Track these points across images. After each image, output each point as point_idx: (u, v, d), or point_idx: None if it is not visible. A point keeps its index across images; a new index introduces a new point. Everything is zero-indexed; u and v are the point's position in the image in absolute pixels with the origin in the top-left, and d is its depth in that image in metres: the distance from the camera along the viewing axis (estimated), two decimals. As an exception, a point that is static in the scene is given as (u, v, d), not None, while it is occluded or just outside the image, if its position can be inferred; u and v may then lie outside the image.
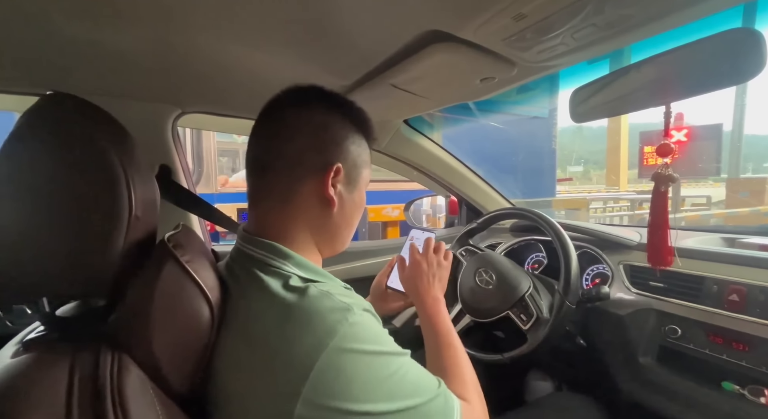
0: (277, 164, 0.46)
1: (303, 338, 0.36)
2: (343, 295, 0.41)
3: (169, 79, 0.71)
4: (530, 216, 0.91)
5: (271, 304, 0.40)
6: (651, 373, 0.78)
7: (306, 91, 0.49)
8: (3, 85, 0.70)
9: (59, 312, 0.40)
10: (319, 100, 0.48)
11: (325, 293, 0.40)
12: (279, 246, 0.45)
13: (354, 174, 0.49)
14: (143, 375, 0.35)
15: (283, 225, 0.47)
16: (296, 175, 0.46)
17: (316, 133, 0.47)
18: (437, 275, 0.66)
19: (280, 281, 0.42)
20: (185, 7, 0.47)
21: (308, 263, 0.46)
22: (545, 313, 0.79)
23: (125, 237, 0.37)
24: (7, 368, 0.32)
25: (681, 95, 0.52)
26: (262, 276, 0.42)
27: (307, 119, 0.47)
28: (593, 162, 22.85)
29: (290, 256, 0.45)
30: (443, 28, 0.51)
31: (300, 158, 0.46)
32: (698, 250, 0.78)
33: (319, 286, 0.42)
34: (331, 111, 0.48)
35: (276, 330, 0.38)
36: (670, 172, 0.55)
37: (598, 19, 0.44)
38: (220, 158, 3.69)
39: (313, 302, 0.39)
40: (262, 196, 0.48)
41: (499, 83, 0.68)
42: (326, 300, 0.39)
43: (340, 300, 0.40)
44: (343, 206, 0.49)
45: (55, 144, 0.35)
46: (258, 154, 0.48)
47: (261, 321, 0.39)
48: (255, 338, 0.39)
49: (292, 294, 0.40)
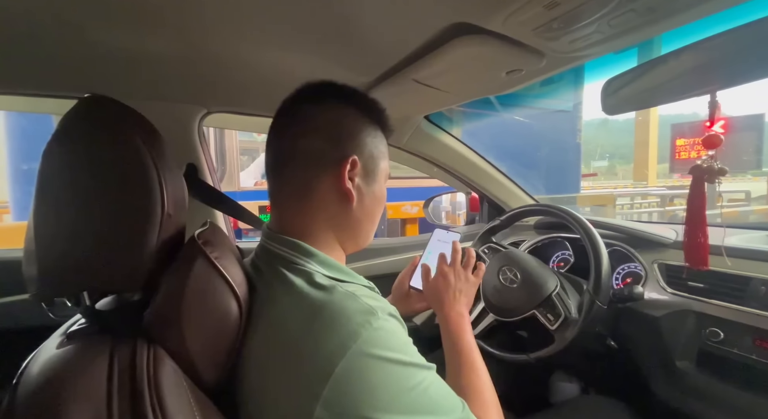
0: (293, 161, 0.46)
1: (327, 338, 0.36)
2: (368, 297, 0.41)
3: (196, 80, 0.73)
4: (557, 213, 0.88)
5: (296, 302, 0.40)
6: (690, 378, 0.74)
7: (319, 87, 0.49)
8: (43, 89, 0.73)
9: (98, 305, 0.42)
10: (333, 95, 0.48)
11: (350, 294, 0.40)
12: (302, 244, 0.45)
13: (371, 166, 0.49)
14: (177, 367, 0.36)
15: (303, 222, 0.47)
16: (312, 170, 0.46)
17: (331, 127, 0.46)
18: (464, 290, 0.63)
19: (305, 279, 0.42)
20: (213, 12, 0.48)
21: (332, 261, 0.46)
22: (574, 313, 0.76)
23: (158, 234, 0.38)
24: (52, 358, 0.33)
25: (729, 83, 0.49)
26: (286, 273, 0.43)
27: (322, 114, 0.47)
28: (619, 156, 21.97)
29: (313, 254, 0.45)
30: (470, 20, 0.49)
31: (315, 153, 0.46)
32: (744, 249, 0.73)
33: (345, 286, 0.41)
34: (344, 104, 0.48)
35: (301, 328, 0.38)
36: (720, 165, 0.52)
37: (638, 4, 0.41)
38: (241, 157, 3.77)
39: (339, 302, 0.39)
40: (282, 194, 0.48)
41: (526, 75, 0.66)
42: (351, 301, 0.39)
43: (366, 303, 0.39)
44: (363, 200, 0.48)
45: (94, 144, 0.36)
46: (276, 153, 0.48)
47: (287, 318, 0.40)
48: (280, 335, 0.39)
49: (318, 291, 0.40)
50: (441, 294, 0.63)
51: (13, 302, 0.83)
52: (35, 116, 2.91)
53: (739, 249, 0.74)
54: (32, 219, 0.36)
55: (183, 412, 0.33)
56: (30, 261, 0.36)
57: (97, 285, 0.38)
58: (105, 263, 0.36)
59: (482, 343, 0.86)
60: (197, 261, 0.39)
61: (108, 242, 0.36)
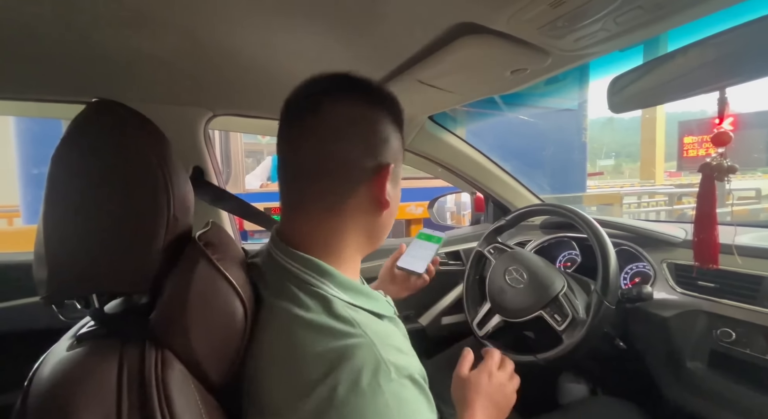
0: (319, 171, 0.41)
1: (340, 384, 0.34)
2: (392, 348, 0.37)
3: (203, 84, 0.74)
4: (563, 213, 0.87)
5: (314, 336, 0.37)
6: (701, 379, 0.73)
7: (340, 80, 0.43)
8: (52, 94, 0.75)
9: (107, 308, 0.42)
10: (359, 92, 0.43)
11: (371, 344, 0.36)
12: (319, 263, 0.41)
13: (398, 168, 0.46)
14: (184, 370, 0.36)
15: (327, 237, 0.43)
16: (346, 182, 0.41)
17: (364, 132, 0.42)
18: (501, 404, 0.54)
19: (322, 305, 0.39)
20: (219, 15, 0.48)
21: (349, 281, 0.43)
22: (581, 314, 0.76)
23: (165, 236, 0.39)
24: (63, 360, 0.34)
25: (738, 79, 0.48)
26: (299, 294, 0.40)
27: (350, 115, 0.41)
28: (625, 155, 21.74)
29: (331, 275, 0.41)
30: (474, 20, 0.49)
31: (348, 163, 0.41)
32: (756, 248, 0.72)
33: (367, 324, 0.38)
34: (373, 104, 0.43)
35: (315, 369, 0.35)
36: (730, 163, 0.51)
37: (645, 1, 0.41)
38: (246, 159, 3.80)
39: (360, 357, 0.35)
40: (303, 207, 0.43)
41: (531, 74, 0.66)
42: (371, 355, 0.35)
43: (387, 359, 0.35)
44: (392, 205, 0.45)
45: (102, 148, 0.37)
46: (292, 158, 0.43)
47: (300, 345, 0.37)
48: (290, 357, 0.37)
49: (339, 327, 0.37)
50: (471, 395, 0.53)
51: (26, 304, 0.84)
52: (45, 121, 2.96)
53: (751, 248, 0.72)
54: (42, 222, 0.36)
55: (191, 414, 0.33)
56: (40, 264, 0.36)
57: (105, 287, 0.38)
58: (112, 266, 0.37)
59: (489, 345, 0.86)
60: (199, 263, 0.39)
61: (115, 245, 0.36)
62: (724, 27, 0.49)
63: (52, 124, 2.71)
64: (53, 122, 2.72)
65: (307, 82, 0.44)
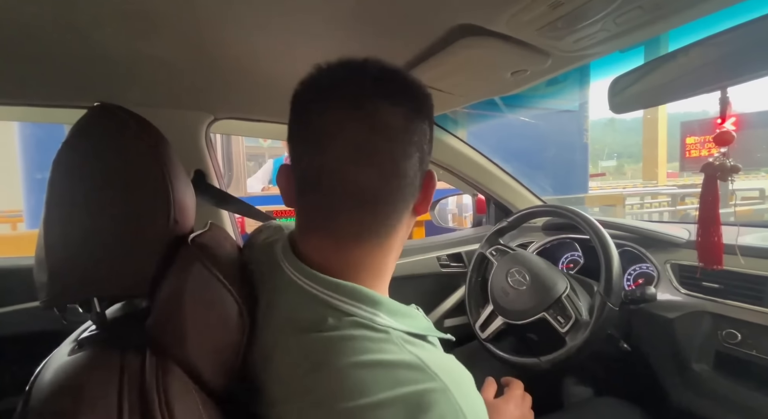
0: (372, 185, 0.34)
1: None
2: (472, 394, 0.32)
3: (204, 88, 0.74)
4: (565, 214, 0.86)
5: (361, 368, 0.30)
6: (707, 381, 0.72)
7: (391, 74, 0.37)
8: (55, 99, 0.75)
9: (108, 312, 0.42)
10: (405, 89, 0.37)
11: (443, 390, 0.29)
12: (366, 292, 0.35)
13: None
14: (185, 376, 0.36)
15: (377, 262, 0.38)
16: (407, 199, 0.36)
17: (418, 139, 0.36)
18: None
19: (377, 342, 0.32)
20: (221, 20, 0.48)
21: (397, 306, 0.37)
22: (584, 315, 0.75)
23: (165, 240, 0.39)
24: (64, 365, 0.34)
25: (739, 79, 0.48)
26: (353, 333, 0.32)
27: (407, 120, 0.35)
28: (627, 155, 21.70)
29: (382, 303, 0.35)
30: (473, 22, 0.49)
31: (407, 175, 0.35)
32: (761, 248, 0.71)
33: (437, 365, 0.31)
34: (417, 104, 0.37)
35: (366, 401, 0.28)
36: (733, 163, 0.51)
37: (645, 1, 0.41)
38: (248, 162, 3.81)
39: (426, 390, 0.29)
40: (339, 227, 0.36)
41: (532, 76, 0.66)
42: (443, 401, 0.29)
43: (467, 413, 0.29)
44: None
45: (104, 152, 0.37)
46: (325, 166, 0.34)
47: (347, 382, 0.30)
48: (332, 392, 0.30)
49: (398, 359, 0.31)
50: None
51: (28, 308, 0.84)
52: (49, 126, 2.98)
53: (756, 248, 0.72)
54: (43, 226, 0.36)
55: (192, 418, 0.33)
56: (41, 268, 0.36)
57: (105, 291, 0.38)
58: (113, 269, 0.37)
59: (492, 347, 0.85)
60: (192, 267, 0.38)
61: (116, 248, 0.36)
62: (725, 26, 0.49)
63: (56, 129, 2.73)
64: (57, 127, 2.74)
65: (338, 76, 0.36)
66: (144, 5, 0.45)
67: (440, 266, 1.23)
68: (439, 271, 1.23)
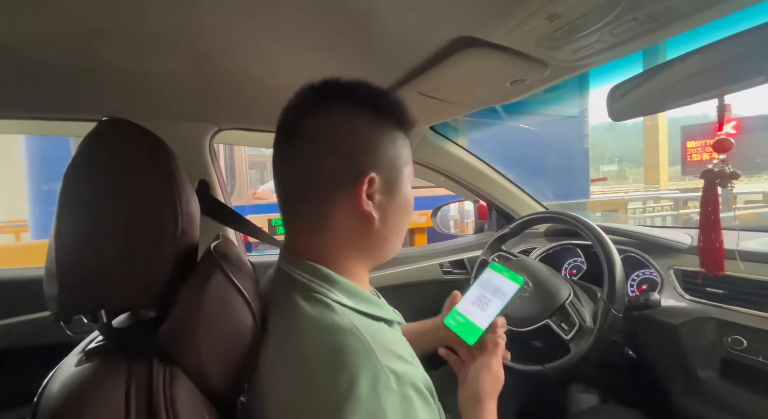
0: (302, 184, 0.42)
1: (331, 376, 0.34)
2: (392, 355, 0.36)
3: (208, 99, 0.75)
4: (567, 220, 0.87)
5: (308, 330, 0.37)
6: (713, 388, 0.71)
7: (321, 91, 0.43)
8: (61, 113, 0.77)
9: (114, 322, 0.42)
10: (339, 98, 0.42)
11: (367, 350, 0.35)
12: (323, 269, 0.41)
13: (394, 176, 0.44)
14: (192, 386, 0.36)
15: (320, 249, 0.43)
16: (325, 194, 0.41)
17: (342, 142, 0.41)
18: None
19: (324, 309, 0.39)
20: (225, 34, 0.50)
21: (356, 288, 0.42)
22: (588, 322, 0.75)
23: (172, 251, 0.39)
24: (72, 377, 0.34)
25: (736, 87, 0.48)
26: (303, 304, 0.39)
27: (329, 126, 0.41)
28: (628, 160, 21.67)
29: (336, 281, 0.41)
30: (473, 34, 0.50)
31: (327, 175, 0.41)
32: (765, 253, 0.71)
33: (368, 332, 0.36)
34: (354, 108, 0.42)
35: (307, 356, 0.36)
36: (732, 169, 0.51)
37: (639, 13, 0.42)
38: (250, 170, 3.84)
39: (351, 349, 0.35)
40: (295, 218, 0.44)
41: (531, 85, 0.67)
42: (367, 359, 0.34)
43: (385, 366, 0.34)
44: (386, 216, 0.43)
45: (112, 166, 0.38)
46: (283, 173, 0.44)
47: (296, 343, 0.37)
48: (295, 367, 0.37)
49: (336, 324, 0.37)
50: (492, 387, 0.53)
51: (34, 319, 0.84)
52: (55, 139, 3.03)
53: (759, 254, 0.72)
54: (53, 239, 0.37)
55: None
56: (51, 280, 0.37)
57: (114, 303, 0.39)
58: (123, 281, 0.37)
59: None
60: (213, 276, 0.39)
61: (125, 261, 0.37)
62: (722, 35, 0.49)
63: (62, 142, 2.77)
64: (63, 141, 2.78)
65: (291, 101, 0.44)
66: (150, 23, 0.46)
67: (443, 273, 1.23)
68: (441, 278, 1.22)
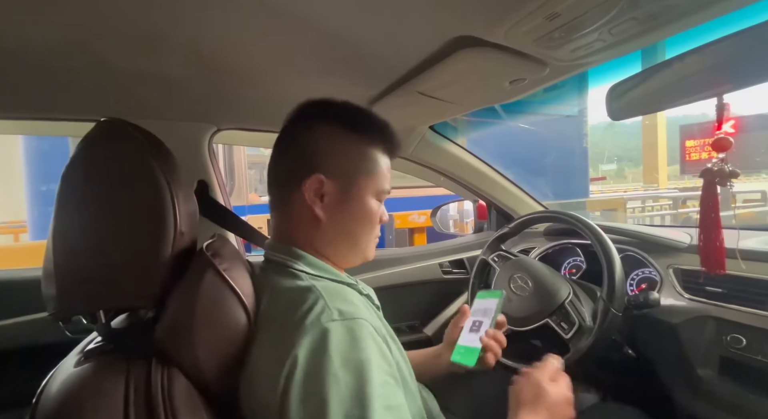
0: (274, 179, 0.51)
1: (289, 317, 0.40)
2: (341, 299, 0.42)
3: (207, 99, 0.75)
4: (566, 219, 0.87)
5: (279, 295, 0.44)
6: (713, 387, 0.71)
7: (306, 108, 0.52)
8: (60, 113, 0.76)
9: (113, 323, 0.42)
10: (319, 115, 0.50)
11: (318, 295, 0.42)
12: (291, 248, 0.49)
13: (346, 184, 0.49)
14: (189, 384, 0.36)
15: (290, 234, 0.50)
16: (285, 189, 0.49)
17: (302, 146, 0.49)
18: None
19: (291, 280, 0.45)
20: (224, 35, 0.50)
21: (320, 263, 0.49)
22: (588, 321, 0.75)
23: (171, 251, 0.39)
24: (71, 377, 0.34)
25: (734, 86, 0.48)
26: (277, 279, 0.46)
27: (301, 135, 0.50)
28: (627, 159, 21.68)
29: (302, 256, 0.48)
30: (472, 33, 0.50)
31: (286, 172, 0.50)
32: (764, 252, 0.71)
33: (324, 288, 0.43)
34: (329, 122, 0.50)
35: (277, 313, 0.42)
36: (731, 168, 0.51)
37: (638, 12, 0.42)
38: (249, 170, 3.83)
39: (306, 296, 0.41)
40: (272, 209, 0.53)
41: (530, 84, 0.67)
42: (313, 299, 0.41)
43: (332, 305, 0.40)
44: (336, 218, 0.49)
45: (111, 166, 0.38)
46: (268, 171, 0.53)
47: (273, 314, 0.42)
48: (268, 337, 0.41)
49: (298, 286, 0.44)
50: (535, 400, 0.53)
51: (32, 320, 0.84)
52: (53, 139, 3.02)
53: (758, 252, 0.72)
54: (51, 240, 0.37)
55: None
56: (49, 281, 0.37)
57: (113, 303, 0.39)
58: (121, 282, 0.37)
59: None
60: (206, 274, 0.39)
61: (124, 261, 0.37)
62: (721, 34, 0.49)
63: (60, 142, 2.76)
64: (61, 141, 2.78)
65: (290, 114, 0.53)
66: (149, 23, 0.46)
67: (442, 273, 1.23)
68: (441, 278, 1.23)
